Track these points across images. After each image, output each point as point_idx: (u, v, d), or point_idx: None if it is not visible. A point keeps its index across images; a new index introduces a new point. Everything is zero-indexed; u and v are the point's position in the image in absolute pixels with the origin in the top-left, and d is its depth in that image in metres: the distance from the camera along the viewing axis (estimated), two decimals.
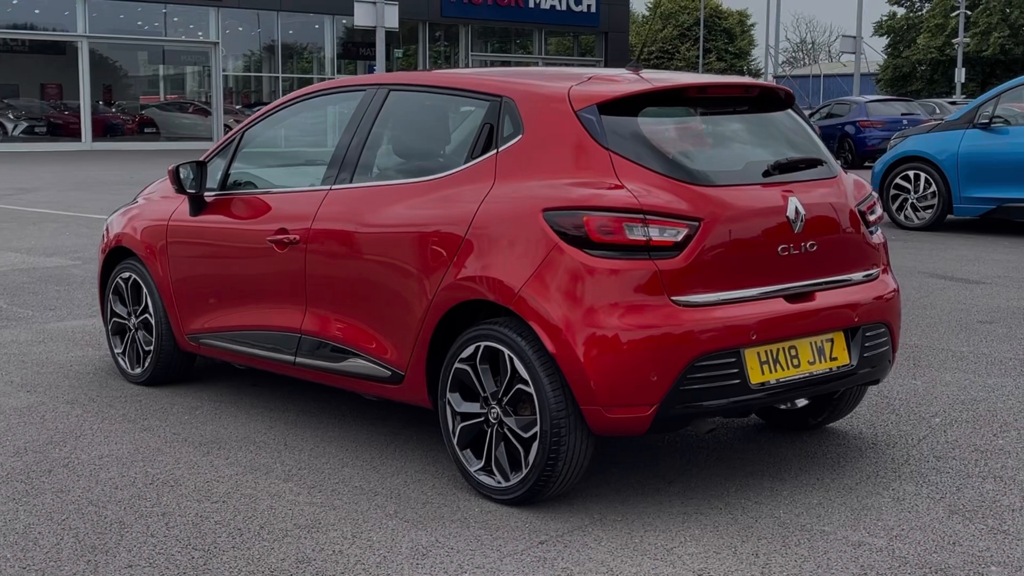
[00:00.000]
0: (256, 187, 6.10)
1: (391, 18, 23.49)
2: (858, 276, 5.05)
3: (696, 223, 4.49)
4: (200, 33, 42.15)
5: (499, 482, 4.70)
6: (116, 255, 6.84)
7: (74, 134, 40.44)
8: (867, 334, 5.00)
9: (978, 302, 9.37)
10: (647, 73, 5.12)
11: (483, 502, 4.72)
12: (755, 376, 4.60)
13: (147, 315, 6.59)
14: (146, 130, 43.71)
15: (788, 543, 4.30)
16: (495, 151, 4.86)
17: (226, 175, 6.15)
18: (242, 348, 6.02)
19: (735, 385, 4.54)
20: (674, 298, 4.44)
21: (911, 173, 14.57)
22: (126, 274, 6.73)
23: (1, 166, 29.46)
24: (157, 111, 44.93)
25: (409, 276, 4.99)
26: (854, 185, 5.20)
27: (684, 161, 4.69)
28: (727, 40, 72.86)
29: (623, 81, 4.90)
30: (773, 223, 4.69)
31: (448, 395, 4.86)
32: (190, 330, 6.33)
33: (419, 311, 4.94)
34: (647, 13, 76.53)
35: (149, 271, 6.53)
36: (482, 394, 4.74)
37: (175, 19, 42.40)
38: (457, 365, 4.80)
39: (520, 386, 4.58)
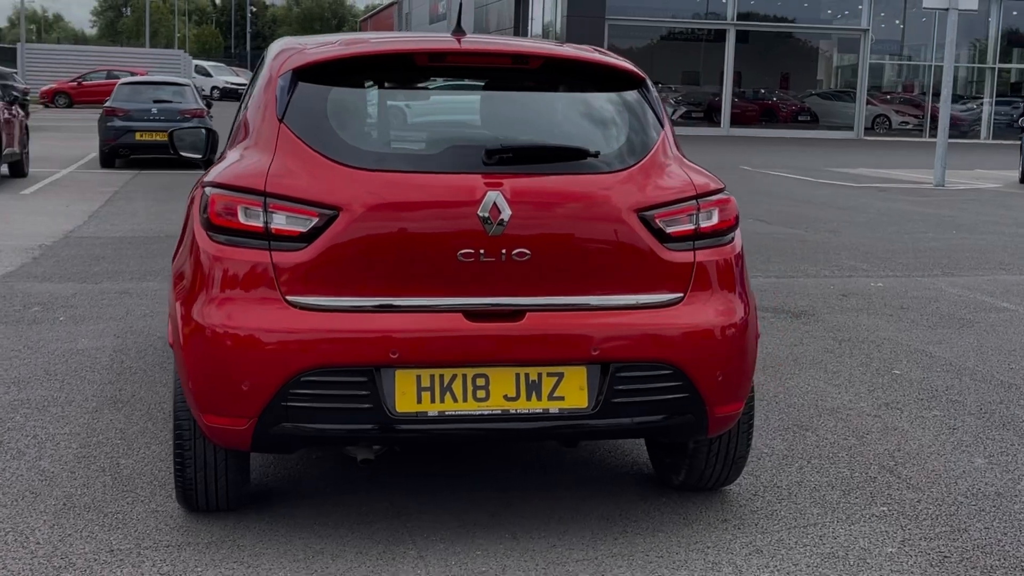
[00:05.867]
0: None
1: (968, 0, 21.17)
2: (623, 301, 3.92)
3: (332, 212, 3.77)
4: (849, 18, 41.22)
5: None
6: None
7: (747, 121, 41.35)
8: (620, 374, 3.88)
9: None
10: (468, 40, 4.33)
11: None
12: (405, 403, 3.78)
13: None
14: (800, 118, 43.64)
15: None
16: (240, 119, 4.45)
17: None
18: None
19: (365, 410, 3.77)
20: (290, 298, 3.77)
21: None
22: None
23: None
24: (818, 100, 44.68)
25: None
26: (669, 185, 4.02)
27: (351, 140, 3.95)
28: None
29: (352, 45, 4.22)
30: (454, 221, 3.80)
31: None
32: None
33: None
34: None
35: None
36: None
37: (827, 9, 41.93)
38: None
39: None
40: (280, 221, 3.79)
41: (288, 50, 4.31)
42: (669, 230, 3.97)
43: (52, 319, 7.45)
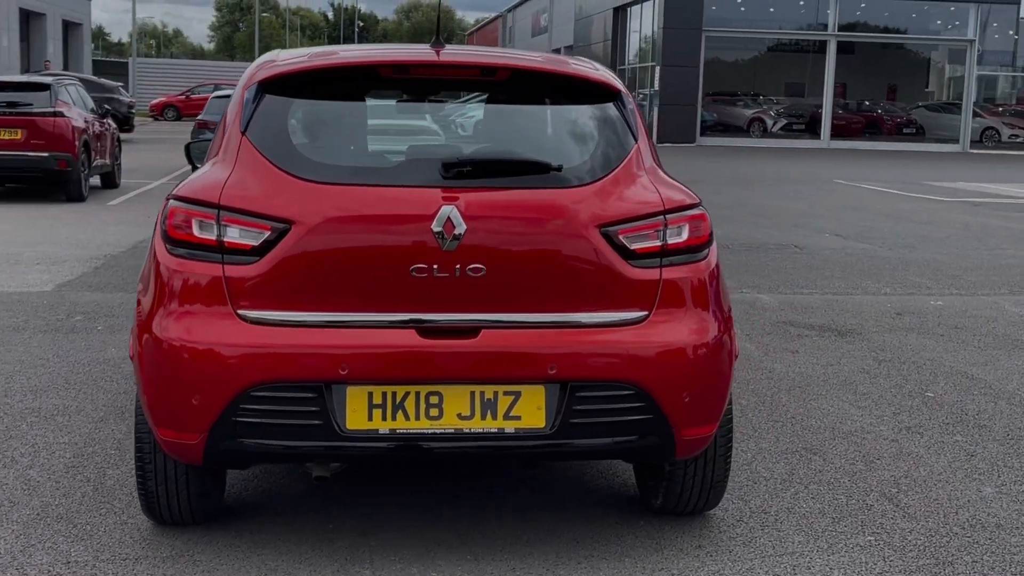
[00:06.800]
0: None
1: None
2: (583, 318, 3.81)
3: (284, 225, 3.74)
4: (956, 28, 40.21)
5: None
6: None
7: (851, 133, 40.65)
8: (580, 394, 3.77)
9: None
10: (446, 52, 4.26)
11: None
12: (356, 421, 3.72)
13: None
14: (905, 131, 42.73)
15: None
16: (217, 132, 4.44)
17: None
18: None
19: (316, 427, 3.72)
20: (241, 312, 3.74)
21: None
22: None
23: (719, 160, 30.38)
24: (925, 112, 43.71)
25: None
26: (635, 200, 3.89)
27: (309, 153, 3.91)
28: None
29: (317, 58, 4.18)
30: (407, 236, 3.73)
31: None
32: None
33: None
34: None
35: None
36: None
37: (936, 20, 41.00)
38: None
39: None
40: (233, 234, 3.76)
41: (263, 63, 4.29)
42: (633, 246, 3.84)
43: (90, 328, 7.56)
